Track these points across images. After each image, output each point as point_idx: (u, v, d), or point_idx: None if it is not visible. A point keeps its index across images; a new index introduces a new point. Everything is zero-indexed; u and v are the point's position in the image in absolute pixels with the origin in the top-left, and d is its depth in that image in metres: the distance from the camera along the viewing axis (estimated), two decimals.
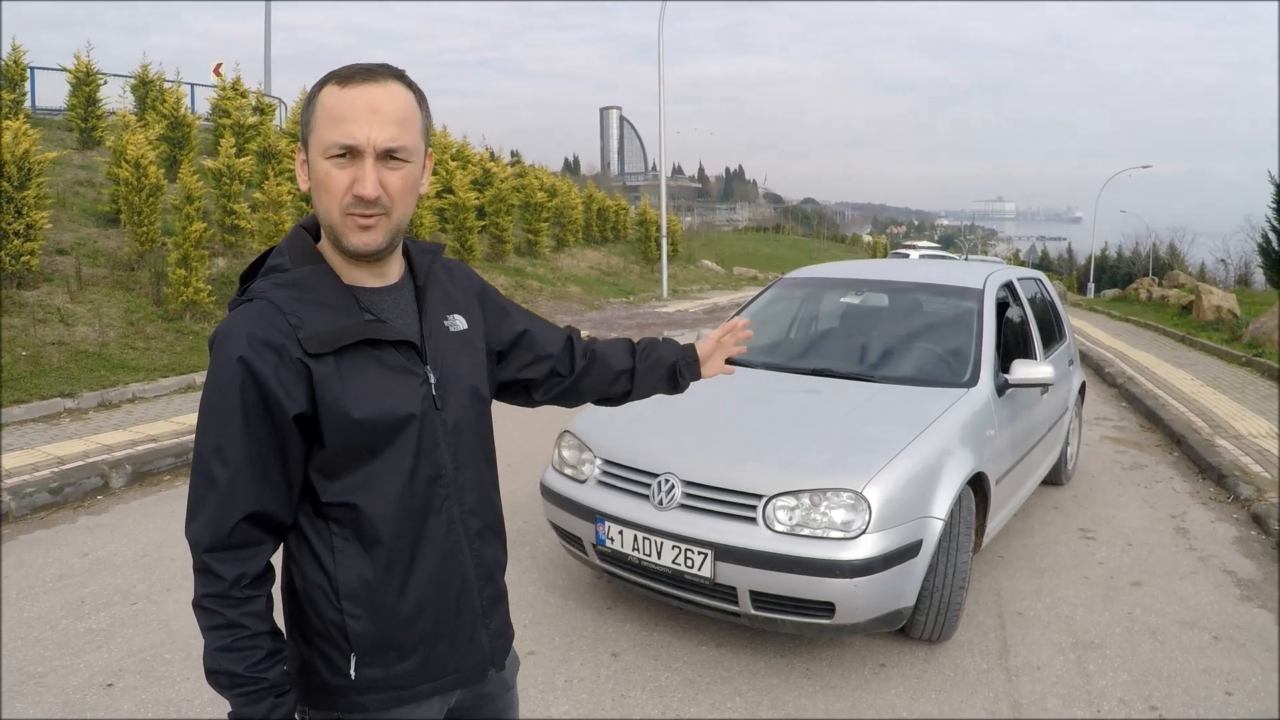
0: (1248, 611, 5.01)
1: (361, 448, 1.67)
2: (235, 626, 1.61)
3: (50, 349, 9.92)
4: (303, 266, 1.69)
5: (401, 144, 1.63)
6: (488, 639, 1.89)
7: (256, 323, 1.60)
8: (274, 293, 1.64)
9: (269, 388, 1.59)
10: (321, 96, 1.63)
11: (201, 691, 4.02)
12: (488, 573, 1.88)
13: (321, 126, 1.62)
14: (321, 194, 1.64)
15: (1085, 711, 3.95)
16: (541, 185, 26.85)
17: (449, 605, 1.80)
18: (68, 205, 14.05)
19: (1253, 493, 6.90)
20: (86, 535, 5.98)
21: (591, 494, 4.58)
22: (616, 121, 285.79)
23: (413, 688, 1.78)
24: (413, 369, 1.72)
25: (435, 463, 1.75)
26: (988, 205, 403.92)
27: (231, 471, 1.60)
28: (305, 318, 1.62)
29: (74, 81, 18.08)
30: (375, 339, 1.67)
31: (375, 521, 1.69)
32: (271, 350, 1.59)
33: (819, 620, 3.98)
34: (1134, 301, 29.91)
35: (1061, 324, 7.33)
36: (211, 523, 1.61)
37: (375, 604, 1.71)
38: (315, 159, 1.63)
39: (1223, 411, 10.05)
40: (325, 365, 1.62)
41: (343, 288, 1.69)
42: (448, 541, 1.78)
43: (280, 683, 1.65)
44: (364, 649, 1.72)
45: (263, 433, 1.61)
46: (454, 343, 1.83)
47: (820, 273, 7.06)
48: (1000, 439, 5.07)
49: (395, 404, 1.68)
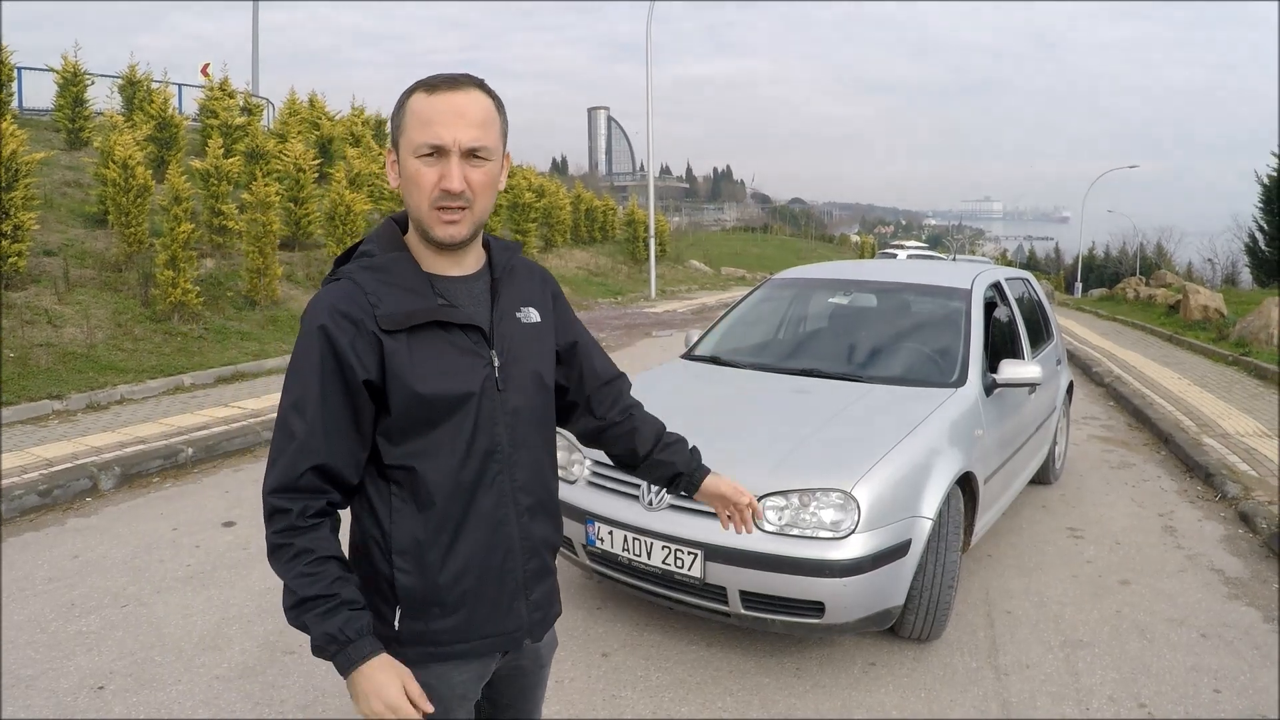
0: (1235, 609, 5.04)
1: (423, 418, 1.82)
2: (305, 552, 1.75)
3: (38, 350, 9.89)
4: (388, 254, 1.87)
5: (483, 144, 1.80)
6: (527, 610, 2.00)
7: (340, 298, 1.79)
8: (359, 275, 1.83)
9: (344, 355, 1.76)
10: (410, 103, 1.80)
11: (193, 693, 4.03)
12: (533, 547, 1.99)
13: (411, 129, 1.79)
14: (412, 189, 1.80)
15: (1074, 709, 3.96)
16: (529, 185, 26.83)
17: (492, 572, 1.92)
18: (55, 206, 14.01)
19: (1240, 491, 6.93)
20: (76, 537, 5.96)
21: (581, 495, 4.59)
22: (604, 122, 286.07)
23: (449, 645, 1.91)
24: (478, 351, 1.87)
25: (492, 439, 1.88)
26: (975, 205, 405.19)
27: (308, 424, 1.77)
28: (384, 297, 1.80)
29: (61, 82, 18.02)
30: (445, 321, 1.83)
31: (430, 486, 1.83)
32: (350, 322, 1.76)
33: (809, 620, 3.99)
34: (1121, 301, 30.01)
35: (1049, 324, 7.36)
36: (284, 469, 1.77)
37: (423, 561, 1.85)
38: (406, 158, 1.80)
39: (1210, 410, 10.10)
40: (397, 341, 1.78)
41: (421, 274, 1.86)
42: (497, 512, 1.91)
43: (353, 599, 1.77)
44: (409, 603, 1.87)
45: (337, 394, 1.78)
46: (524, 333, 1.97)
47: (809, 273, 7.08)
48: (988, 438, 5.09)
49: (457, 382, 1.83)
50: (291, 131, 19.70)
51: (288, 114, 22.59)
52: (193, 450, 7.72)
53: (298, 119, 22.29)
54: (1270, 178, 37.35)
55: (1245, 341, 14.91)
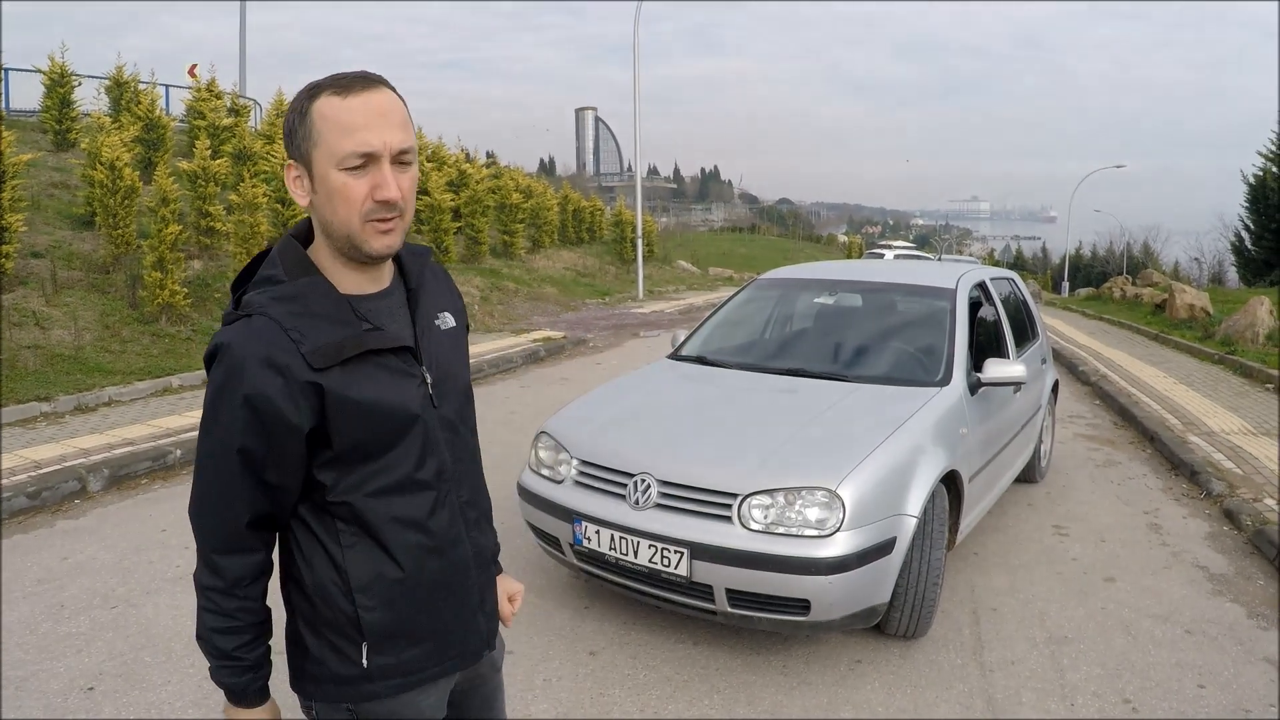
0: (1219, 606, 5.08)
1: (368, 450, 1.72)
2: (229, 616, 1.73)
3: (26, 352, 9.87)
4: (297, 278, 1.71)
5: (409, 145, 1.67)
6: (483, 620, 1.97)
7: (259, 343, 1.63)
8: (274, 309, 1.66)
9: (275, 412, 1.63)
10: (319, 108, 1.63)
11: (183, 694, 4.04)
12: (483, 559, 1.97)
13: (330, 137, 1.62)
14: (338, 205, 1.65)
15: (1059, 706, 4.00)
16: (517, 186, 26.79)
17: (454, 592, 1.88)
18: (42, 208, 13.97)
19: (1225, 489, 6.98)
20: (65, 539, 5.96)
21: (568, 494, 4.61)
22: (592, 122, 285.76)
23: (420, 672, 1.85)
24: (411, 371, 1.78)
25: (439, 459, 1.82)
26: (963, 205, 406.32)
27: (238, 481, 1.68)
28: (307, 332, 1.65)
29: (48, 83, 17.94)
30: (376, 348, 1.72)
31: (385, 516, 1.75)
32: (275, 371, 1.62)
33: (795, 617, 4.02)
34: (1108, 300, 30.11)
35: (1034, 323, 7.40)
36: (217, 527, 1.71)
37: (388, 595, 1.78)
38: (326, 171, 1.63)
39: (1195, 409, 10.16)
40: (331, 378, 1.66)
41: (340, 298, 1.72)
42: (452, 531, 1.85)
43: (260, 661, 1.78)
44: (376, 638, 1.79)
45: (268, 451, 1.66)
46: (446, 341, 1.90)
47: (794, 273, 7.11)
48: (973, 437, 5.12)
49: (401, 406, 1.74)
50: (279, 132, 19.63)
51: (275, 115, 22.53)
52: (181, 452, 7.71)
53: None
54: (1256, 177, 37.57)
55: (1231, 340, 14.99)
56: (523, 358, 13.90)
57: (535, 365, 13.88)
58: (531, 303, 21.42)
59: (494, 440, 8.30)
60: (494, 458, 7.57)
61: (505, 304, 20.19)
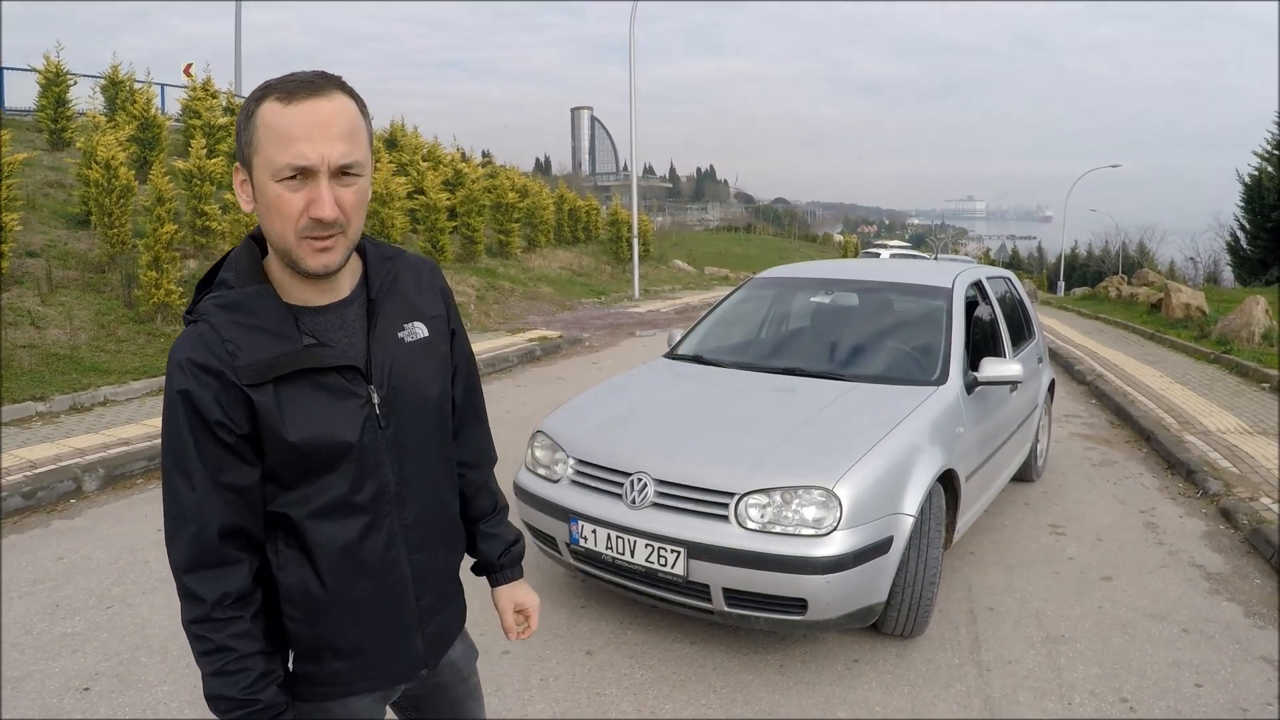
0: (1216, 605, 5.08)
1: (301, 471, 1.68)
2: (223, 650, 1.63)
3: (21, 352, 9.85)
4: (247, 284, 1.67)
5: (354, 159, 1.58)
6: (422, 643, 1.91)
7: (197, 349, 1.60)
8: (215, 315, 1.63)
9: (211, 414, 1.59)
10: (262, 113, 1.55)
11: (178, 694, 4.03)
12: (428, 582, 1.90)
13: (268, 147, 1.54)
14: (274, 218, 1.58)
15: (1057, 704, 4.00)
16: (513, 186, 26.77)
17: (385, 614, 1.82)
18: (38, 207, 13.94)
19: (1221, 488, 6.98)
20: (60, 539, 5.95)
21: (565, 493, 4.60)
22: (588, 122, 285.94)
23: (344, 684, 1.82)
24: (354, 390, 1.71)
25: (379, 483, 1.76)
26: (959, 204, 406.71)
27: (197, 490, 1.62)
28: (243, 345, 1.61)
29: (44, 82, 17.93)
30: (313, 366, 1.66)
31: (315, 536, 1.71)
32: (211, 375, 1.59)
33: (791, 617, 4.01)
34: (1104, 299, 30.14)
35: (1030, 322, 7.40)
36: (186, 543, 1.64)
37: (310, 609, 1.74)
38: (264, 181, 1.56)
39: (1191, 408, 10.16)
40: (263, 394, 1.61)
41: (284, 311, 1.66)
42: (387, 555, 1.79)
43: (275, 702, 1.68)
44: (301, 648, 1.78)
45: (216, 453, 1.62)
46: (408, 354, 1.80)
47: (790, 273, 7.11)
48: (970, 436, 5.12)
49: (333, 431, 1.67)
50: None
51: None
52: None
53: None
54: (1252, 177, 37.64)
55: (1226, 339, 15.01)
56: (519, 357, 13.88)
57: (531, 364, 13.86)
58: (527, 302, 21.40)
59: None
60: None
61: (501, 303, 20.17)
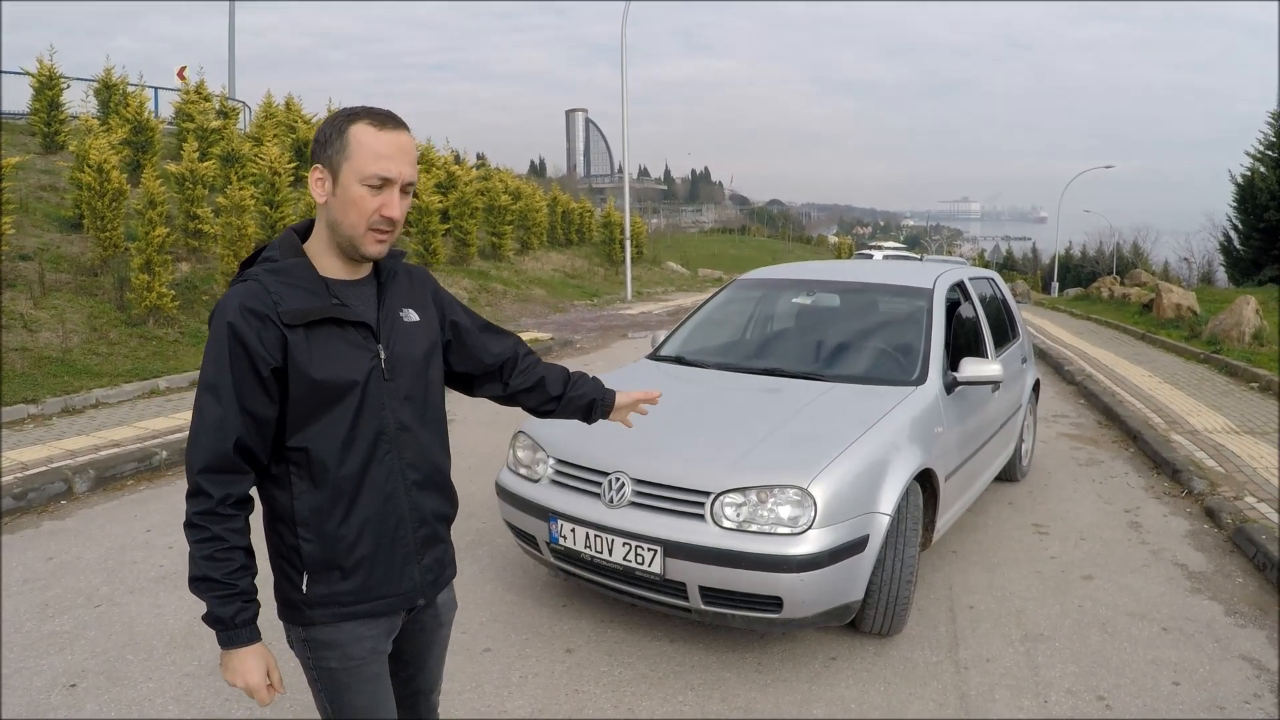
0: (1197, 603, 5.11)
1: (317, 402, 2.06)
2: (217, 539, 2.00)
3: (13, 355, 9.88)
4: (289, 259, 2.10)
5: (415, 180, 2.12)
6: (419, 572, 2.27)
7: (247, 296, 2.01)
8: (264, 277, 2.05)
9: (253, 346, 1.98)
10: (356, 132, 2.03)
11: (163, 691, 4.07)
12: (423, 517, 2.26)
13: (361, 158, 2.02)
14: (350, 210, 2.05)
15: (1033, 702, 4.02)
16: (506, 188, 26.83)
17: (386, 539, 2.18)
18: (30, 210, 13.97)
19: (1206, 487, 7.02)
20: (50, 540, 5.98)
21: (545, 493, 4.64)
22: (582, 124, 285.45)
23: (352, 605, 2.16)
24: (367, 345, 2.12)
25: (380, 421, 2.14)
26: (953, 205, 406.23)
27: (223, 407, 1.99)
28: (284, 297, 2.02)
29: (37, 85, 17.93)
30: (338, 319, 2.07)
31: (324, 462, 2.08)
32: (256, 317, 1.99)
33: (767, 615, 4.05)
34: (1096, 300, 30.21)
35: (1014, 322, 7.43)
36: (206, 448, 2.00)
37: (323, 531, 2.10)
38: (349, 182, 2.03)
39: (1179, 407, 10.21)
40: (297, 335, 2.02)
41: (318, 277, 2.10)
42: (388, 486, 2.17)
43: (248, 590, 2.06)
44: (313, 568, 2.12)
45: (247, 379, 2.00)
46: (407, 330, 2.23)
47: (773, 274, 7.15)
48: (949, 436, 5.15)
49: (345, 371, 2.08)
50: (268, 135, 19.61)
51: (264, 117, 22.57)
52: (166, 453, 7.73)
53: (274, 122, 22.28)
54: (1244, 177, 37.69)
55: (1217, 339, 15.06)
56: None
57: None
58: (520, 304, 21.45)
59: (478, 441, 8.35)
60: (479, 458, 7.66)
61: (493, 305, 20.22)
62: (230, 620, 2.02)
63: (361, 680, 2.21)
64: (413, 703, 2.51)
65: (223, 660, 2.09)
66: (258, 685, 2.08)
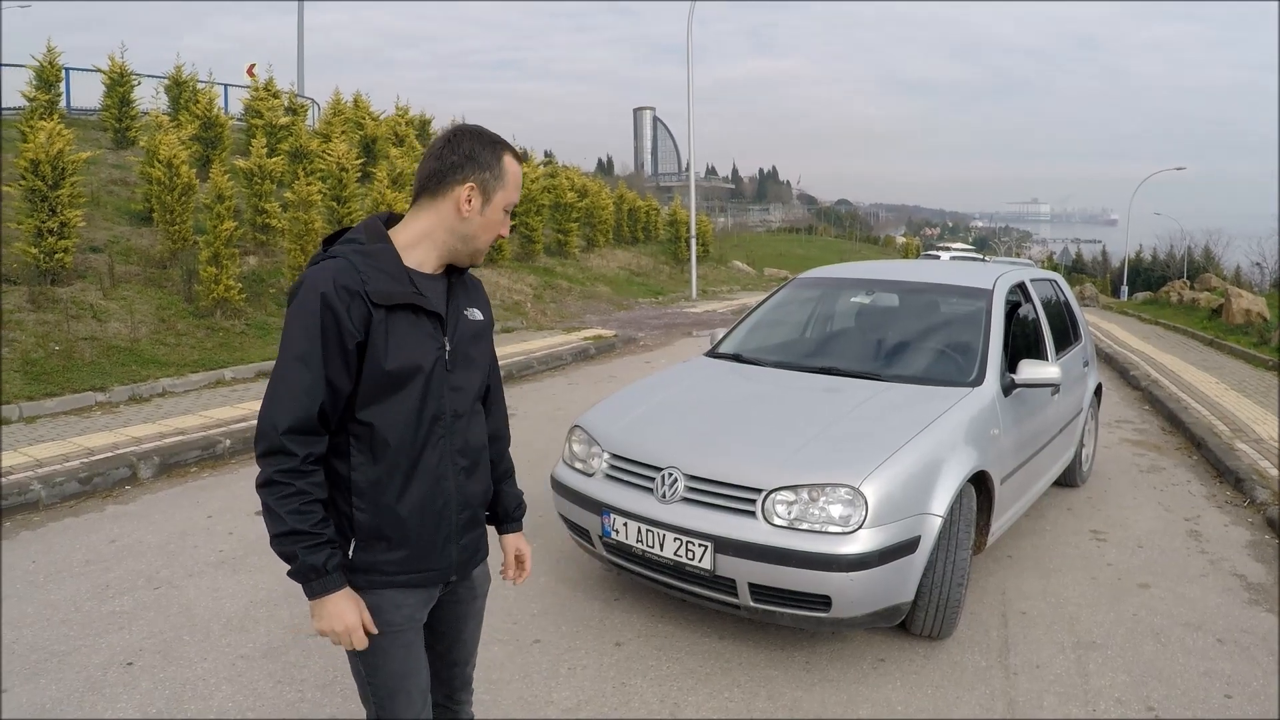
0: (1254, 615, 5.00)
1: (385, 383, 2.18)
2: (302, 493, 2.12)
3: (83, 344, 10.13)
4: (375, 244, 2.22)
5: None
6: (456, 551, 2.39)
7: (339, 272, 2.13)
8: (354, 256, 2.18)
9: (342, 319, 2.11)
10: (506, 163, 2.28)
11: (217, 671, 4.16)
12: (466, 501, 2.39)
13: (509, 189, 2.29)
14: (490, 230, 2.30)
15: (1080, 710, 3.97)
16: (572, 186, 26.89)
17: (432, 517, 2.30)
18: (102, 204, 14.29)
19: (1269, 497, 6.88)
20: (114, 523, 6.14)
21: (599, 487, 4.67)
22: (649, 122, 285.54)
23: (393, 574, 2.28)
24: (435, 336, 2.26)
25: (438, 407, 2.28)
26: (1022, 207, 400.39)
27: (311, 373, 2.11)
28: (371, 278, 2.15)
29: (108, 82, 18.36)
30: (417, 306, 2.21)
31: (386, 440, 2.21)
32: (347, 293, 2.12)
33: (816, 613, 4.04)
34: (1165, 305, 29.63)
35: (1076, 325, 7.33)
36: (291, 411, 2.11)
37: (377, 503, 2.23)
38: (498, 206, 2.28)
39: (1245, 415, 10.00)
40: (379, 314, 2.15)
41: (402, 266, 2.23)
42: (439, 469, 2.29)
43: (334, 539, 2.17)
44: (362, 536, 2.24)
45: (334, 350, 2.12)
46: (471, 327, 2.39)
47: (832, 273, 7.13)
48: (1006, 439, 5.10)
49: (415, 356, 2.21)
50: (335, 131, 19.85)
51: (332, 114, 22.84)
52: (230, 442, 7.89)
53: (341, 119, 22.52)
54: None
55: None
56: (572, 355, 14.00)
57: (585, 363, 13.98)
58: (584, 301, 21.50)
59: (538, 434, 8.42)
60: (537, 452, 7.71)
61: (558, 302, 20.29)
62: (322, 567, 2.12)
63: (397, 645, 2.32)
64: (449, 675, 2.62)
65: (314, 611, 2.18)
66: (354, 625, 2.18)
